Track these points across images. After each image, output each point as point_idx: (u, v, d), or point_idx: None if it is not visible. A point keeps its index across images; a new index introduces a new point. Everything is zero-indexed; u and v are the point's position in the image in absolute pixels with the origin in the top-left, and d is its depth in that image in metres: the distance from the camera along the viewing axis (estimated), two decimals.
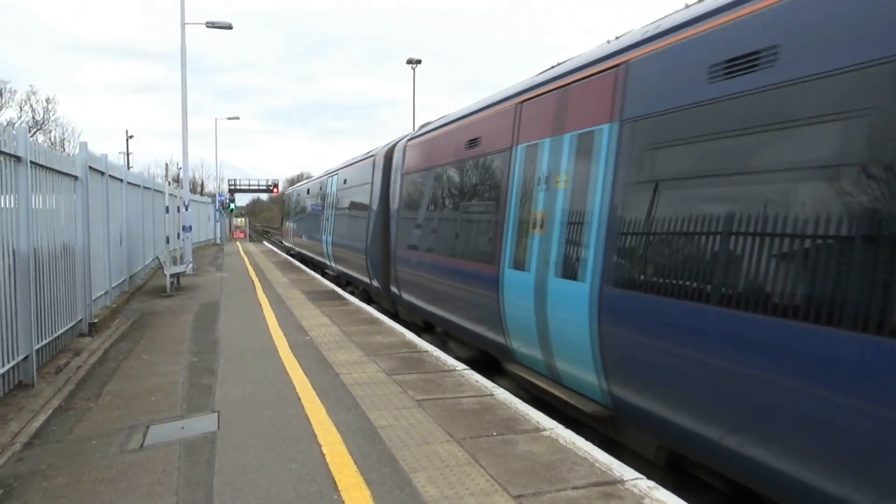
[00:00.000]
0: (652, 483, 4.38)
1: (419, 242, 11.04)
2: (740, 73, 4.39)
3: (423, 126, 12.76)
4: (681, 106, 4.94)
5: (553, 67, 7.52)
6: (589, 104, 6.24)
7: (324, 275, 21.67)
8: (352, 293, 16.57)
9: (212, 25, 23.05)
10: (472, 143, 9.05)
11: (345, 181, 18.69)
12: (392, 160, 13.71)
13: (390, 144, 14.38)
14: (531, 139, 7.30)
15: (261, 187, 74.89)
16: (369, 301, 15.39)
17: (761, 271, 4.07)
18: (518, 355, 7.50)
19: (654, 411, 5.11)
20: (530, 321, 6.89)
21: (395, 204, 12.91)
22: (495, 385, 6.94)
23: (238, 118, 49.32)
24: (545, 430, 5.45)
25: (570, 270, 6.18)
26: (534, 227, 6.96)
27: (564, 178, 6.53)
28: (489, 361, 8.59)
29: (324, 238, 21.20)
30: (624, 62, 5.79)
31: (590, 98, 6.25)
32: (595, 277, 5.74)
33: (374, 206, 14.44)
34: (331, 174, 22.00)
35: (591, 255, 5.81)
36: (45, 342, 8.10)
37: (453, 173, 9.80)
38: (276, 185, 72.27)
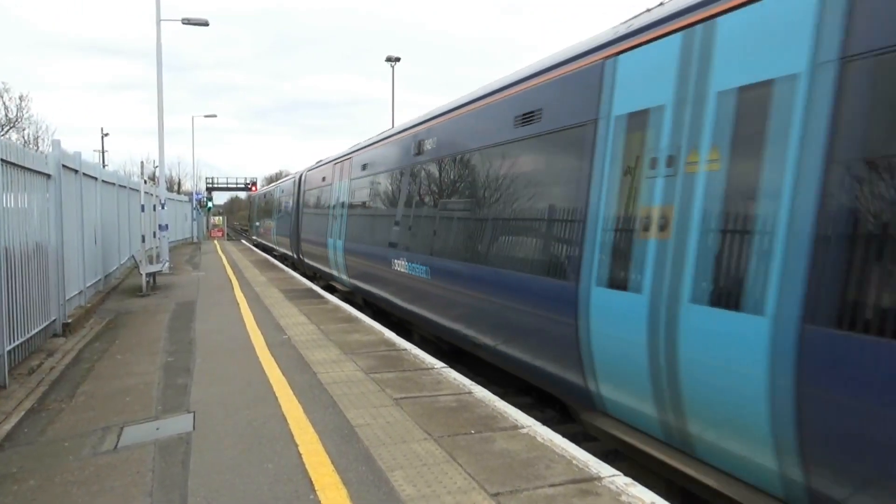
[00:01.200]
0: (629, 479, 4.41)
1: (308, 229, 20.62)
2: (365, 170, 13.82)
3: (317, 162, 21.77)
4: (358, 177, 14.36)
5: (354, 146, 16.28)
6: (346, 171, 15.67)
7: (272, 255, 30.70)
8: (287, 266, 24.29)
9: (187, 22, 22.86)
10: (324, 178, 18.65)
11: (282, 191, 30.19)
12: (301, 180, 23.25)
13: (303, 170, 23.90)
14: (337, 181, 16.67)
15: (239, 185, 74.18)
16: (294, 268, 23.33)
17: (337, 229, 15.87)
18: (336, 279, 16.61)
19: (360, 286, 14.02)
20: (336, 261, 15.79)
21: (301, 207, 22.68)
22: (473, 383, 6.95)
23: (215, 116, 48.91)
24: (523, 427, 5.47)
25: (340, 237, 15.29)
26: (336, 219, 16.00)
27: (341, 198, 15.80)
28: (330, 287, 18.14)
29: (272, 230, 32.61)
30: (350, 157, 15.42)
31: (346, 168, 15.72)
32: (343, 238, 14.90)
33: (294, 209, 24.32)
34: (277, 185, 34.94)
35: (345, 229, 14.92)
36: (17, 343, 7.96)
37: (319, 192, 19.29)
38: (254, 184, 71.56)
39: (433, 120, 10.14)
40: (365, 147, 14.40)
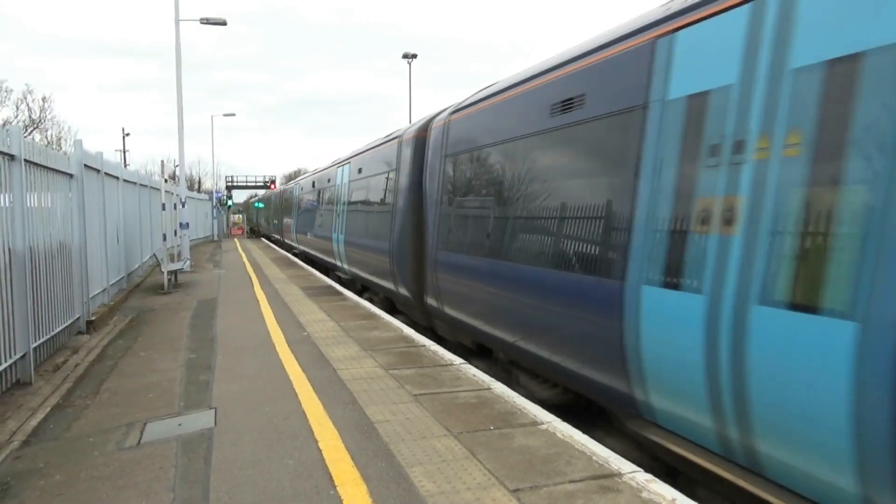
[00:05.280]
0: (649, 476, 4.38)
1: (299, 223, 27.03)
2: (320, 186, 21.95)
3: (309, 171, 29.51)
4: (323, 188, 20.87)
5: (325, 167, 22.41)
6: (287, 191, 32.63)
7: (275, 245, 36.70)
8: (291, 252, 29.72)
9: (206, 22, 23.05)
10: (316, 182, 22.64)
11: (275, 194, 37.94)
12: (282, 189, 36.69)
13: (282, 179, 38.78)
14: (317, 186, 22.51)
15: (258, 183, 74.58)
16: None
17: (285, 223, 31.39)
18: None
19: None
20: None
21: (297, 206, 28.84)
22: (492, 379, 6.95)
23: (234, 115, 49.40)
24: (542, 423, 5.45)
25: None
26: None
27: (320, 206, 21.51)
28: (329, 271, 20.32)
29: (279, 224, 38.28)
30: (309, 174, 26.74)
31: (287, 192, 33.10)
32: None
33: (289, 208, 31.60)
34: (280, 189, 43.77)
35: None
36: (42, 340, 8.09)
37: (321, 193, 21.65)
38: (273, 181, 71.92)
39: None
40: None
